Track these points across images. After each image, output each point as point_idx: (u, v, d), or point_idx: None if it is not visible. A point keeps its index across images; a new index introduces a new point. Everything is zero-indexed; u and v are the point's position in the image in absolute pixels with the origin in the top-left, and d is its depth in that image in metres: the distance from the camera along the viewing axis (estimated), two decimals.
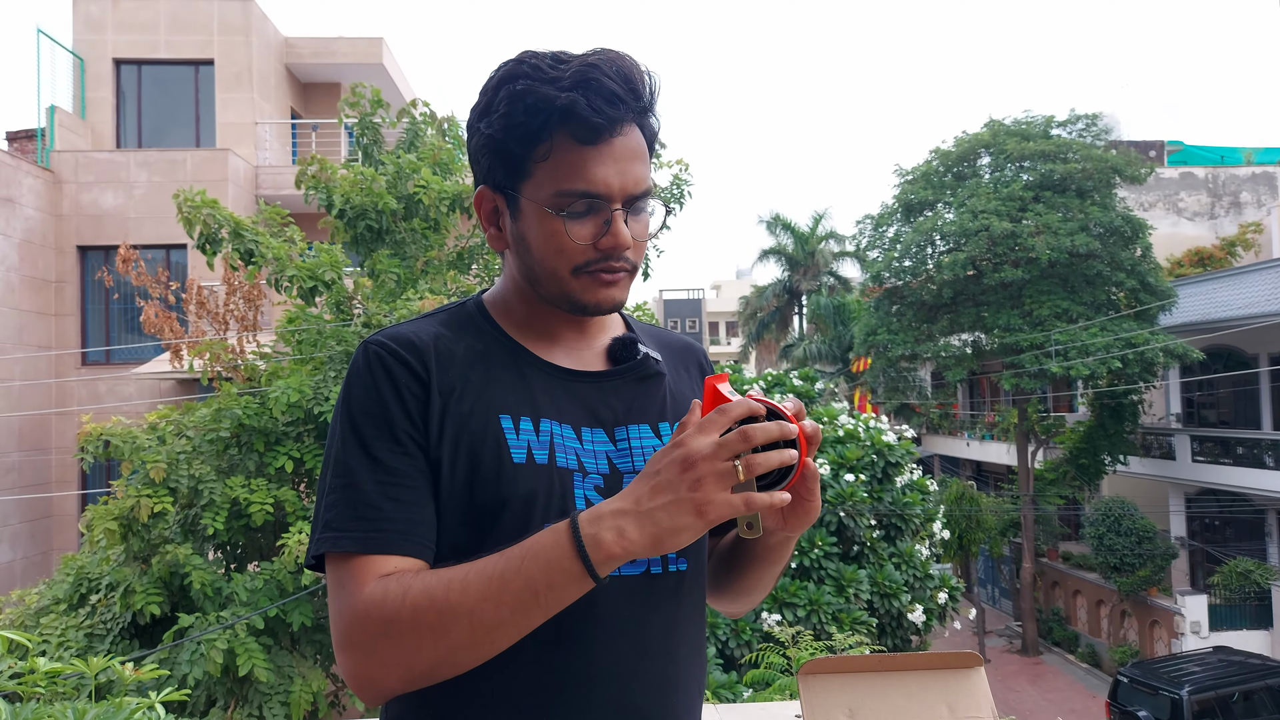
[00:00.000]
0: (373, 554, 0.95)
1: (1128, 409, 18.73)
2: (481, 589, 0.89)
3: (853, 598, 8.31)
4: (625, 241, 1.02)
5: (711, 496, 0.85)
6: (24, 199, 12.67)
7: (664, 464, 0.88)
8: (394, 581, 0.93)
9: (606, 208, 1.01)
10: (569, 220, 1.01)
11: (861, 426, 9.81)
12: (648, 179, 1.05)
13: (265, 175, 14.46)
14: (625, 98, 1.00)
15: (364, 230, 7.34)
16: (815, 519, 1.00)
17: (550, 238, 1.03)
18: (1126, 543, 18.16)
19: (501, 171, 1.05)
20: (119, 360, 13.42)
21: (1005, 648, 20.76)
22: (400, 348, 1.03)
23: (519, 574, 0.88)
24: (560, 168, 1.01)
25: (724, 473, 0.85)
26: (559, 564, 0.87)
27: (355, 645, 0.92)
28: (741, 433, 0.86)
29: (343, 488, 0.98)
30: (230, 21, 14.60)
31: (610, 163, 1.01)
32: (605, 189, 1.01)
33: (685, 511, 0.86)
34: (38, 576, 11.15)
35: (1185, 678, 12.93)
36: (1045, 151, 18.30)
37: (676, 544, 0.87)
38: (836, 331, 28.59)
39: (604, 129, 0.99)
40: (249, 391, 6.59)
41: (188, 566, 5.61)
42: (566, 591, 0.89)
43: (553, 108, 0.99)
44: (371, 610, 0.91)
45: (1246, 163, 25.68)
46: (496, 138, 1.03)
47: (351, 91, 8.32)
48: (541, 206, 1.02)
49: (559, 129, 1.00)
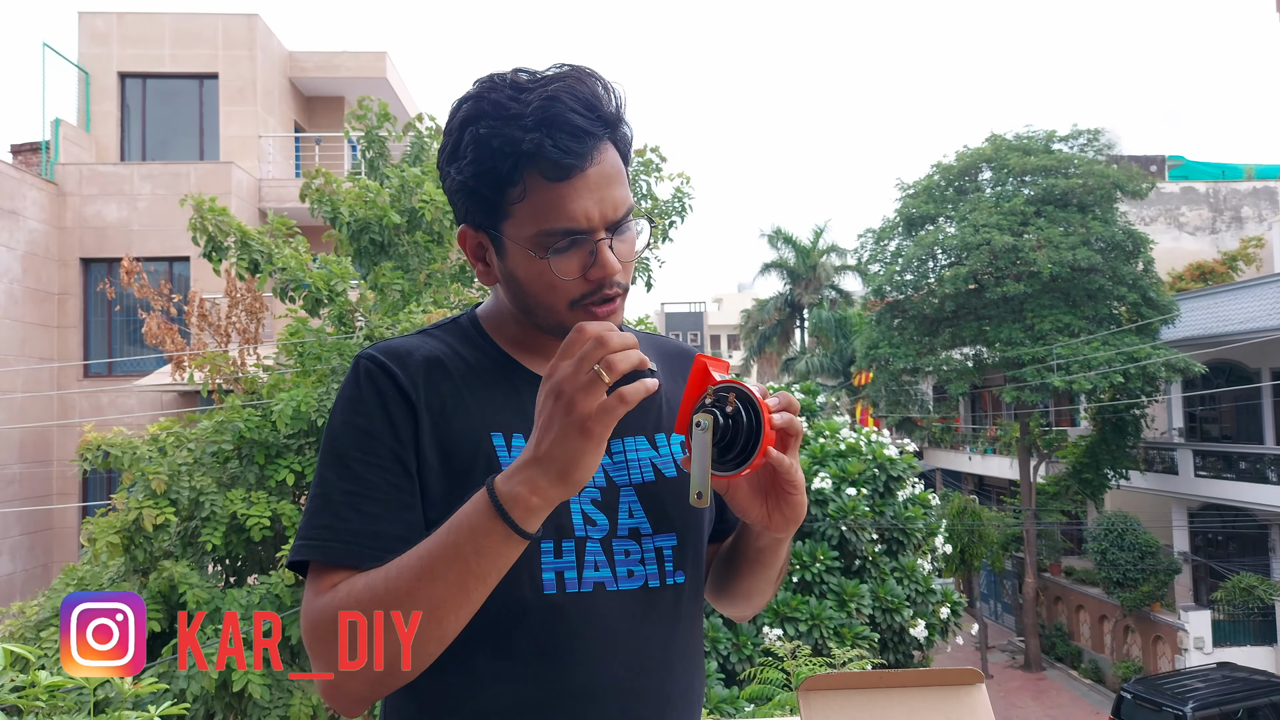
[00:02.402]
0: (334, 564, 0.96)
1: (1130, 423, 18.70)
2: (416, 569, 0.89)
3: (854, 612, 8.28)
4: (613, 269, 1.01)
5: (587, 410, 0.85)
6: (28, 211, 12.71)
7: (541, 400, 0.88)
8: (342, 586, 0.93)
9: (590, 240, 1.00)
10: (554, 258, 1.00)
11: (863, 440, 9.80)
12: (627, 199, 1.03)
13: (268, 188, 14.51)
14: (591, 128, 0.98)
15: (367, 243, 7.36)
16: (800, 518, 1.00)
17: (540, 276, 1.02)
18: (1129, 558, 18.10)
19: (480, 213, 1.04)
20: (121, 372, 13.44)
21: (1008, 663, 20.66)
22: (390, 362, 1.04)
23: (446, 546, 0.89)
24: (538, 208, 0.99)
25: (589, 383, 0.85)
26: (482, 527, 0.88)
27: (317, 656, 0.93)
28: (594, 339, 0.86)
29: (316, 498, 1.00)
30: (235, 36, 14.68)
31: (587, 194, 0.99)
32: (586, 222, 0.99)
33: (572, 436, 0.86)
34: (38, 588, 11.13)
35: (1189, 694, 12.86)
36: (1047, 166, 18.34)
37: (585, 473, 0.87)
38: (838, 345, 28.58)
39: (574, 166, 0.98)
40: (251, 404, 6.59)
41: (183, 586, 5.59)
42: (499, 555, 0.89)
43: (519, 151, 0.97)
44: (323, 617, 0.92)
45: (1247, 178, 25.72)
46: (469, 184, 1.01)
47: (358, 105, 8.35)
48: (526, 248, 1.01)
49: (529, 169, 0.98)
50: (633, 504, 1.07)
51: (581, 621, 1.00)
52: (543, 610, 0.99)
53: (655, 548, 1.07)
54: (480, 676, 0.99)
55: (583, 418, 0.85)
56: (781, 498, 0.98)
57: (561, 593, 1.00)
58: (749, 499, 1.00)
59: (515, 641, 0.99)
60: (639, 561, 1.05)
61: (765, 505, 1.00)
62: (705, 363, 0.94)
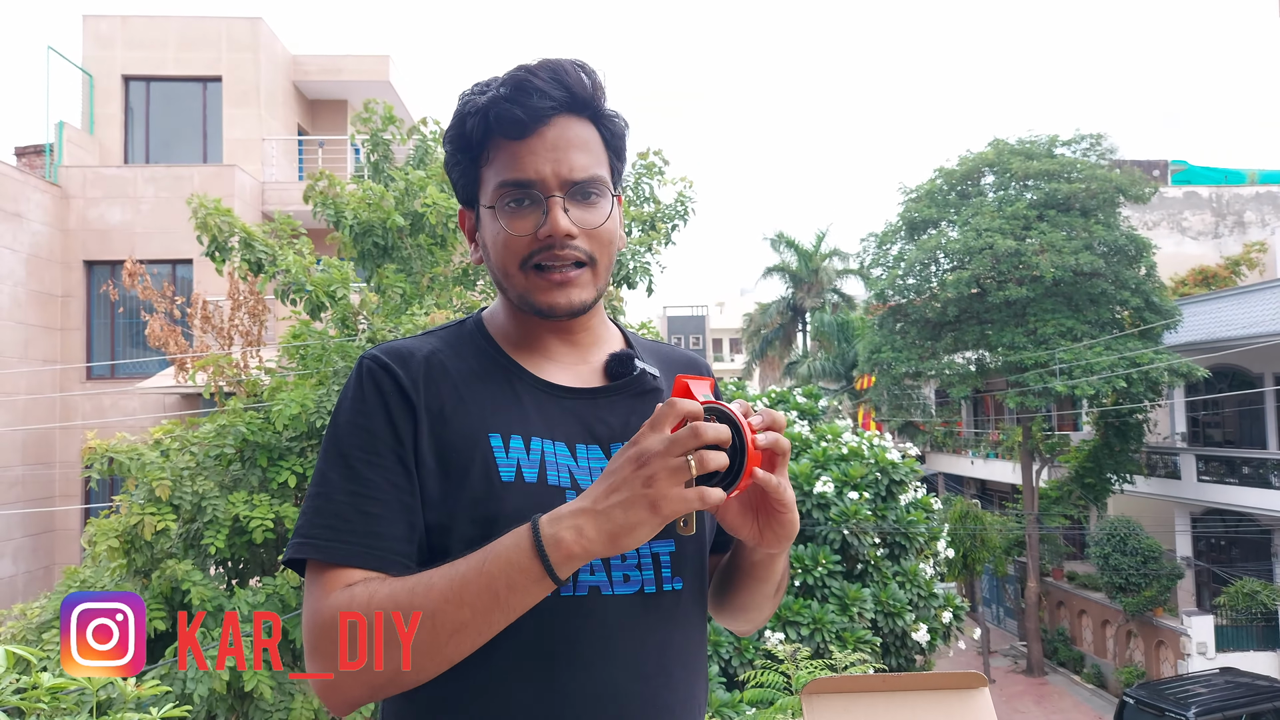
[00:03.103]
0: (336, 564, 0.96)
1: (1133, 428, 18.68)
2: (444, 590, 0.89)
3: (856, 616, 8.27)
4: (562, 228, 1.03)
5: (665, 492, 0.85)
6: (31, 214, 12.74)
7: (620, 462, 0.88)
8: (360, 589, 0.93)
9: (542, 198, 1.03)
10: (507, 213, 1.04)
11: (865, 444, 9.78)
12: (589, 167, 1.05)
13: (271, 191, 14.54)
14: (550, 92, 1.03)
15: (370, 246, 7.37)
16: (791, 535, 1.00)
17: (497, 236, 1.06)
18: (1132, 562, 18.07)
19: (463, 186, 1.11)
20: (124, 375, 13.46)
21: (1010, 668, 20.62)
22: (393, 362, 1.05)
23: (480, 574, 0.89)
24: (498, 166, 1.05)
25: (676, 468, 0.85)
26: (519, 564, 0.88)
27: (320, 654, 0.93)
28: (692, 429, 0.86)
29: (317, 496, 1.00)
30: (239, 39, 14.72)
31: (543, 152, 1.03)
32: (537, 175, 1.03)
33: (640, 507, 0.86)
34: (40, 590, 11.14)
35: (1192, 699, 12.82)
36: (1049, 170, 18.34)
37: (634, 541, 0.87)
38: (840, 349, 28.57)
39: (526, 122, 1.02)
40: (253, 406, 6.60)
41: (186, 584, 5.60)
42: (527, 593, 0.89)
43: (481, 110, 1.04)
44: (336, 619, 0.92)
45: (1250, 182, 25.71)
46: (451, 153, 1.10)
47: (365, 108, 8.38)
48: (489, 208, 1.06)
49: (491, 131, 1.04)
50: None
51: (577, 625, 1.00)
52: (537, 613, 0.98)
53: (652, 553, 1.06)
54: (476, 680, 0.99)
55: (658, 496, 0.85)
56: (771, 516, 0.97)
57: (556, 595, 1.00)
58: (739, 518, 1.00)
59: (510, 645, 0.98)
60: (635, 567, 1.05)
61: (756, 523, 0.99)
62: (686, 383, 0.93)
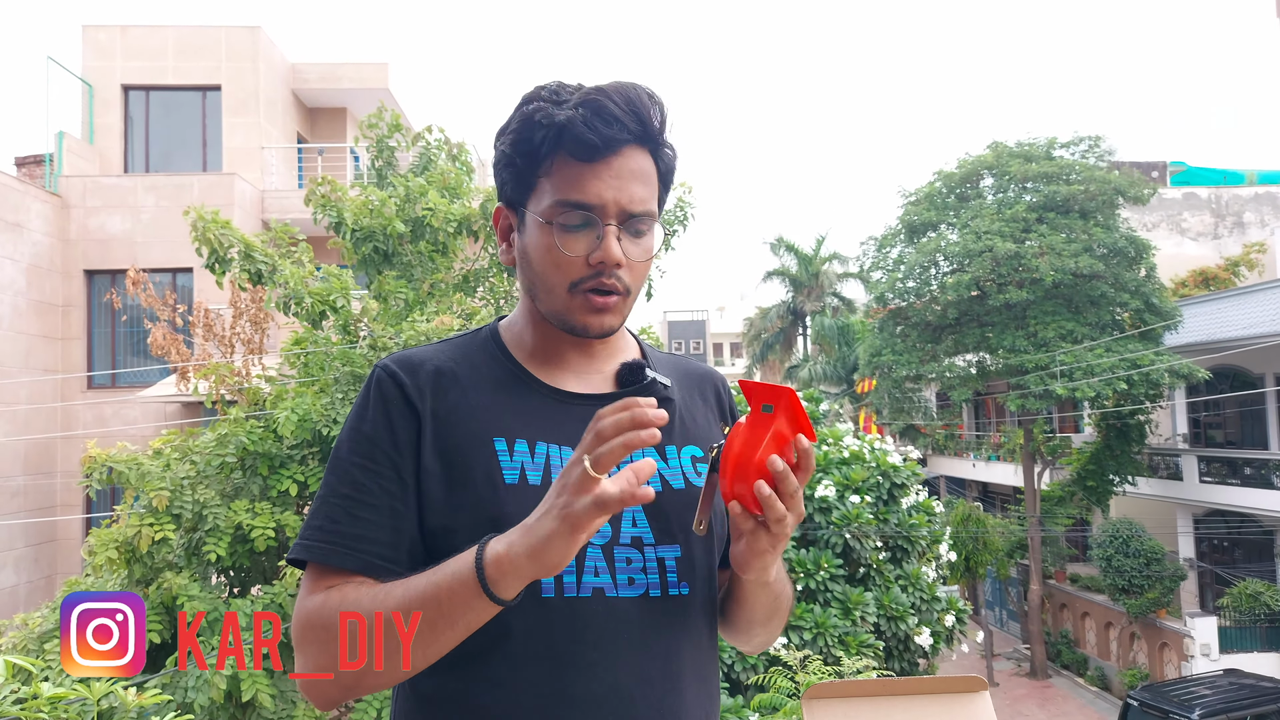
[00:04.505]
0: (322, 564, 1.00)
1: (1134, 429, 18.66)
2: (400, 600, 0.92)
3: (859, 620, 8.25)
4: (614, 257, 1.04)
5: (572, 501, 0.85)
6: (32, 223, 12.75)
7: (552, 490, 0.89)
8: (334, 592, 0.97)
9: (599, 223, 1.04)
10: (562, 232, 1.04)
11: (866, 448, 9.77)
12: (648, 201, 1.07)
13: (271, 199, 14.55)
14: (624, 120, 1.04)
15: (370, 252, 7.38)
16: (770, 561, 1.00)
17: (547, 250, 1.06)
18: (1135, 564, 18.04)
19: (512, 187, 1.10)
20: (125, 384, 13.46)
21: (1013, 671, 20.58)
22: (401, 370, 1.07)
23: (432, 586, 0.91)
24: (559, 182, 1.04)
25: (581, 478, 0.85)
26: (462, 578, 0.89)
27: (298, 649, 0.98)
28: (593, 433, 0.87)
29: (318, 500, 1.04)
30: (238, 48, 14.75)
31: (607, 179, 1.04)
32: (599, 201, 1.03)
33: (552, 518, 0.86)
34: (41, 600, 11.13)
35: (1196, 701, 12.79)
36: (1048, 173, 18.34)
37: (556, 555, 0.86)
38: (841, 352, 28.56)
39: (599, 147, 1.03)
40: (255, 415, 6.60)
41: (182, 597, 5.59)
42: (471, 609, 0.89)
43: (554, 123, 1.03)
44: (310, 617, 0.96)
45: (1249, 183, 25.72)
46: (508, 154, 1.09)
47: (376, 113, 8.40)
48: (541, 220, 1.06)
49: (560, 146, 1.04)
50: (637, 514, 1.07)
51: (580, 626, 1.00)
52: (541, 614, 0.99)
53: (657, 558, 1.07)
54: (481, 679, 1.00)
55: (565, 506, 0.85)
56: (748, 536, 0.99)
57: (560, 597, 1.01)
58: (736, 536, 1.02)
59: (514, 645, 0.99)
60: (640, 570, 1.05)
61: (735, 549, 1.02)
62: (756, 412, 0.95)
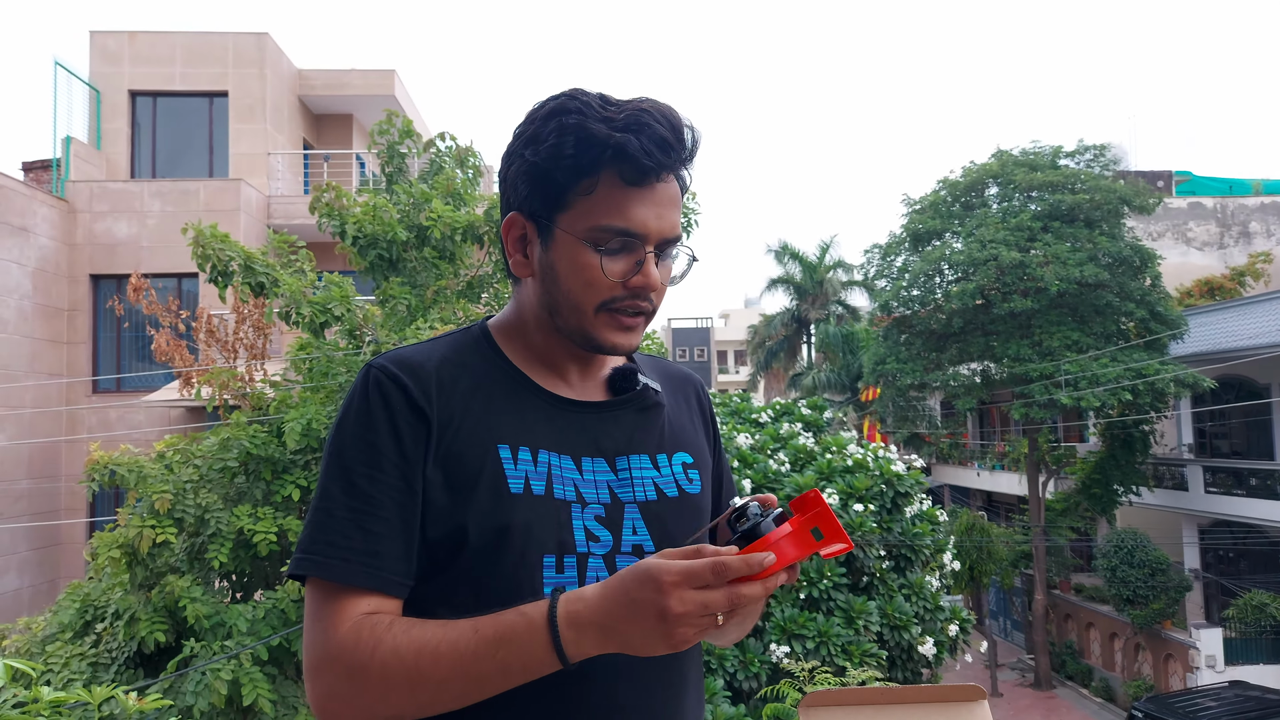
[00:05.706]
0: (336, 581, 0.97)
1: (1139, 439, 18.59)
2: (452, 664, 0.90)
3: (862, 629, 8.22)
4: (655, 283, 1.05)
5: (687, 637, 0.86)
6: (38, 228, 12.80)
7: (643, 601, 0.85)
8: (367, 630, 0.93)
9: (641, 248, 1.04)
10: (605, 256, 1.03)
11: (870, 456, 9.75)
12: (679, 226, 1.08)
13: (277, 205, 14.60)
14: (674, 146, 1.03)
15: (375, 258, 7.40)
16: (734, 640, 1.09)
17: (582, 271, 1.04)
18: (1139, 575, 17.96)
19: (539, 200, 1.05)
20: (129, 388, 13.49)
21: (1018, 681, 20.48)
22: (402, 373, 1.03)
23: (493, 659, 0.90)
24: (602, 204, 1.02)
25: (704, 627, 0.86)
26: (535, 655, 0.89)
27: (322, 680, 0.94)
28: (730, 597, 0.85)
29: (319, 511, 0.99)
30: (245, 54, 14.81)
31: (652, 205, 1.03)
32: (643, 229, 1.03)
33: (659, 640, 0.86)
34: (45, 604, 11.14)
35: (1201, 713, 12.74)
36: (1053, 182, 18.34)
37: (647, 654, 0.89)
38: (845, 360, 28.52)
39: (651, 172, 1.02)
40: (258, 420, 6.61)
41: (184, 600, 5.59)
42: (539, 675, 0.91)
43: (605, 145, 1.00)
44: (342, 654, 0.93)
45: (1255, 193, 25.67)
46: (542, 166, 1.03)
47: (387, 120, 8.43)
48: (578, 239, 1.03)
49: (608, 167, 1.01)
50: (636, 522, 1.07)
51: None
52: None
53: None
54: None
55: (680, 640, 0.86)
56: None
57: None
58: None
59: None
60: None
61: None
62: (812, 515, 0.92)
